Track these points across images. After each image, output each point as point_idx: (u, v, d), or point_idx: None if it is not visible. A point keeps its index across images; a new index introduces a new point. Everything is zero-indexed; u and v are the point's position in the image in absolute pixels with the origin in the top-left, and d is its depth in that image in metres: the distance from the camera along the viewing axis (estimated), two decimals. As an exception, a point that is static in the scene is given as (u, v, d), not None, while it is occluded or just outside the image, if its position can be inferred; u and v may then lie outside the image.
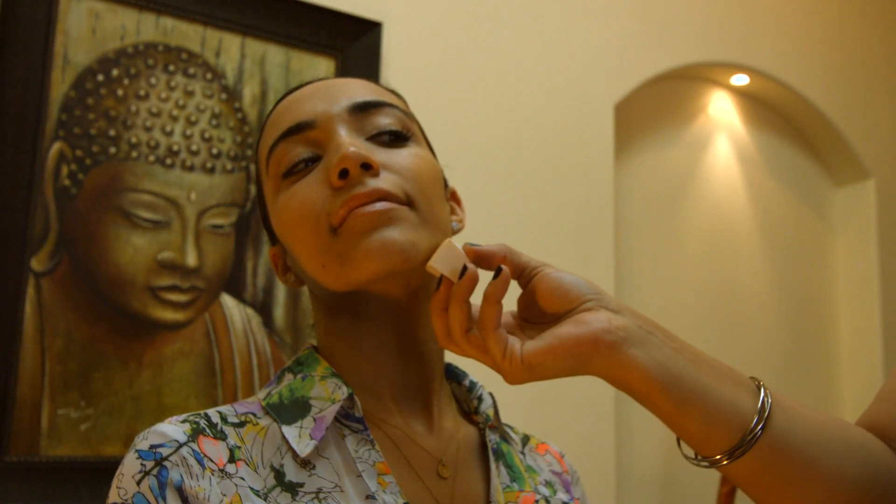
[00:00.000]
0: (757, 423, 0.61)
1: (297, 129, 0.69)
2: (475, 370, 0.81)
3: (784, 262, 2.67)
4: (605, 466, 2.03)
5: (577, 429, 2.00)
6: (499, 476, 0.71)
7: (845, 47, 2.74)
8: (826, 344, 2.74)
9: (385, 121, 0.70)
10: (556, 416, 1.97)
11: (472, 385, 0.77)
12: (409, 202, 0.65)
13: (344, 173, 0.64)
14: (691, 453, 0.64)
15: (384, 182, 0.65)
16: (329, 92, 0.71)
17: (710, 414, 0.60)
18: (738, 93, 2.64)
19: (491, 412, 0.75)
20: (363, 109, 0.70)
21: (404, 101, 0.76)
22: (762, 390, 0.63)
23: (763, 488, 0.62)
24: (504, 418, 0.79)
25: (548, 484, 0.76)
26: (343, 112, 0.69)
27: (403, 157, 0.68)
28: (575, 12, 2.16)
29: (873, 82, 2.79)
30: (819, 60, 2.65)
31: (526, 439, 0.81)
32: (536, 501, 0.72)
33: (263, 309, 1.61)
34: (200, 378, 1.53)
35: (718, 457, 0.61)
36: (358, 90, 0.71)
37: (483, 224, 1.86)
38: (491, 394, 0.77)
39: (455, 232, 0.74)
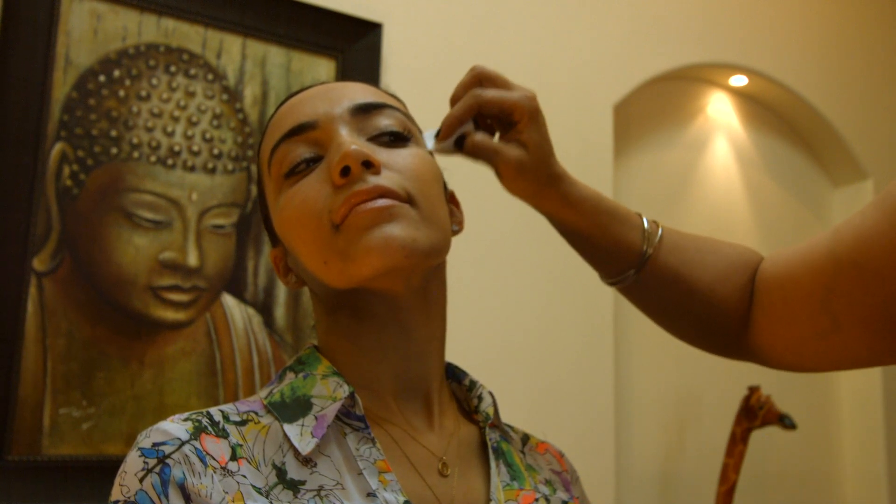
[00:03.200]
0: (656, 234, 0.81)
1: (300, 130, 0.69)
2: (475, 370, 0.82)
3: (783, 262, 2.67)
4: (605, 466, 2.04)
5: (576, 428, 2.00)
6: (499, 474, 0.72)
7: (844, 48, 2.75)
8: (825, 344, 2.74)
9: (386, 122, 0.71)
10: (555, 416, 1.97)
11: (473, 384, 0.78)
12: (409, 200, 0.66)
13: (345, 171, 0.65)
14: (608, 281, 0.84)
15: (385, 180, 0.66)
16: (331, 94, 0.72)
17: (623, 233, 0.80)
18: (737, 94, 2.65)
19: (491, 411, 0.75)
20: (364, 111, 0.70)
21: (404, 105, 0.77)
22: (643, 217, 0.82)
23: (668, 292, 0.82)
24: (504, 418, 0.79)
25: (547, 483, 0.77)
26: (345, 113, 0.70)
27: (404, 156, 0.69)
28: (574, 13, 2.17)
29: (871, 83, 2.79)
30: (817, 61, 2.66)
31: (525, 438, 0.81)
32: (536, 500, 0.73)
33: (264, 309, 1.61)
34: (202, 377, 1.54)
35: (630, 272, 0.81)
36: (359, 92, 0.72)
37: (482, 225, 1.87)
38: (491, 393, 0.78)
39: (454, 233, 0.75)
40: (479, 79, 0.76)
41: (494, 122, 0.78)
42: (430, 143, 0.76)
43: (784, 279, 0.78)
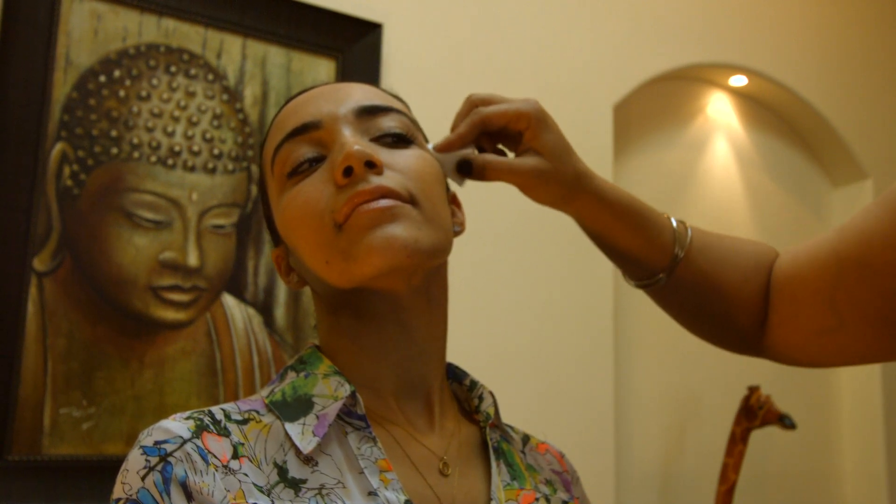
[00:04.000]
0: (686, 235, 0.80)
1: (303, 130, 0.70)
2: (476, 371, 0.82)
3: (783, 262, 2.68)
4: (605, 466, 2.04)
5: (576, 428, 2.00)
6: (500, 474, 0.72)
7: (843, 48, 2.75)
8: (824, 344, 2.74)
9: (389, 124, 0.71)
10: (555, 416, 1.97)
11: (473, 384, 0.78)
12: (411, 200, 0.66)
13: (348, 171, 0.65)
14: (632, 283, 0.83)
15: (388, 180, 0.66)
16: (335, 95, 0.72)
17: (654, 235, 0.79)
18: (737, 94, 2.65)
19: (492, 411, 0.75)
20: (368, 112, 0.71)
21: (408, 108, 0.77)
22: (671, 219, 0.81)
23: (695, 295, 0.81)
24: (504, 418, 0.79)
25: (548, 483, 0.77)
26: (349, 114, 0.70)
27: (406, 157, 0.69)
28: (574, 13, 2.17)
29: (871, 83, 2.79)
30: (817, 61, 2.66)
31: (526, 439, 0.81)
32: (537, 499, 0.73)
33: (264, 309, 1.62)
34: (202, 377, 1.54)
35: (661, 275, 0.80)
36: (364, 94, 0.72)
37: (482, 225, 1.87)
38: (491, 393, 0.78)
39: (456, 234, 0.75)
40: (476, 103, 0.76)
41: (501, 139, 0.78)
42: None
43: (792, 277, 0.79)
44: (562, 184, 0.76)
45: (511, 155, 0.77)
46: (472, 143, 0.75)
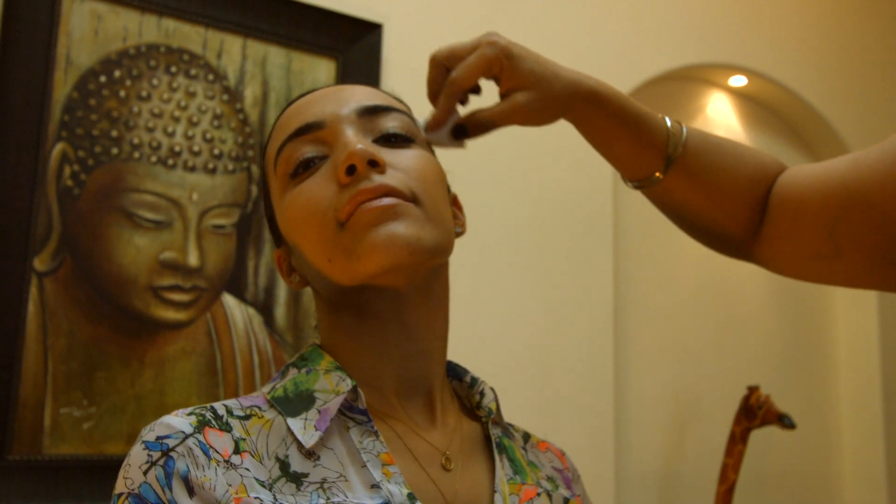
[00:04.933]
0: (681, 135, 0.79)
1: (306, 130, 0.70)
2: (477, 370, 0.82)
3: (782, 262, 2.68)
4: (605, 466, 2.04)
5: (576, 428, 2.01)
6: (503, 467, 0.72)
7: (843, 48, 2.76)
8: (823, 344, 2.75)
9: (391, 124, 0.72)
10: (555, 416, 1.97)
11: (474, 381, 0.78)
12: (414, 199, 0.67)
13: (351, 169, 0.66)
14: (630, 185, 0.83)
15: (390, 179, 0.67)
16: (338, 96, 0.72)
17: (648, 134, 0.78)
18: (736, 94, 2.65)
19: (493, 406, 0.76)
20: (371, 112, 0.71)
21: (410, 109, 0.77)
22: (667, 118, 0.80)
23: (687, 197, 0.81)
24: (505, 418, 0.79)
25: (549, 479, 0.77)
26: (351, 114, 0.71)
27: (409, 157, 0.70)
28: (574, 14, 2.17)
29: (870, 83, 2.80)
30: (816, 62, 2.67)
31: (527, 437, 0.81)
32: (538, 494, 0.73)
33: (265, 309, 1.62)
34: (202, 377, 1.54)
35: (657, 174, 0.79)
36: (365, 95, 0.73)
37: (482, 225, 1.87)
38: (492, 388, 0.78)
39: (457, 235, 0.75)
40: (442, 64, 0.76)
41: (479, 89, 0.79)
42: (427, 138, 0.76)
43: (796, 199, 0.79)
44: (553, 103, 0.76)
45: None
46: (455, 108, 0.76)
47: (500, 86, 0.76)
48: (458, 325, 0.88)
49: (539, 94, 0.75)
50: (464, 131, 0.76)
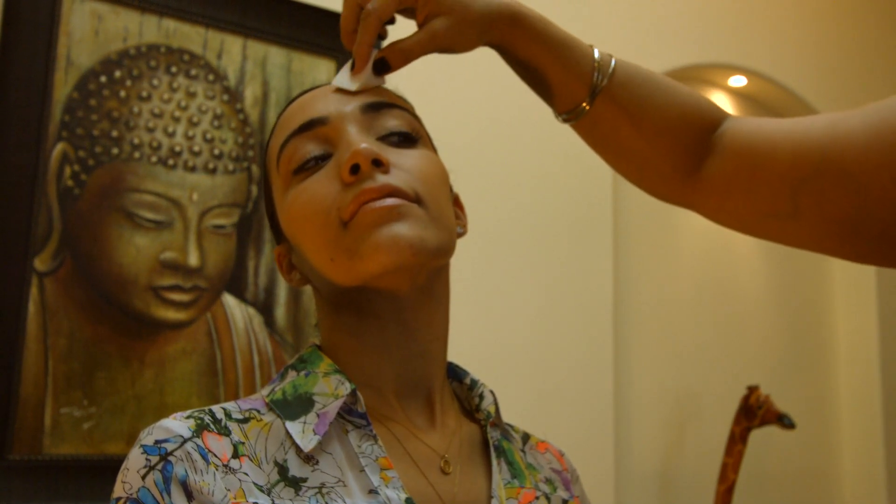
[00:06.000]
0: (609, 65, 0.76)
1: (310, 126, 0.70)
2: (476, 370, 0.82)
3: (781, 261, 2.68)
4: (604, 465, 2.04)
5: (576, 428, 2.01)
6: (500, 472, 0.72)
7: (842, 49, 2.75)
8: (823, 344, 2.75)
9: (395, 122, 0.71)
10: (555, 416, 1.98)
11: (474, 383, 0.78)
12: (418, 200, 0.67)
13: (355, 168, 0.65)
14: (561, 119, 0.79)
15: (394, 179, 0.66)
16: (341, 92, 0.72)
17: (574, 61, 0.76)
18: (736, 94, 2.65)
19: (492, 409, 0.76)
20: (375, 109, 0.71)
21: (412, 107, 0.77)
22: (594, 48, 0.77)
23: (615, 131, 0.78)
24: (504, 417, 0.79)
25: (548, 481, 0.77)
26: (355, 111, 0.70)
27: (413, 157, 0.70)
28: (572, 15, 2.17)
29: (870, 83, 2.80)
30: (816, 62, 2.67)
31: (526, 437, 0.81)
32: (537, 498, 0.73)
33: (265, 308, 1.62)
34: (202, 377, 1.54)
35: (584, 104, 0.76)
36: (369, 92, 0.73)
37: (482, 223, 1.87)
38: (492, 391, 0.78)
39: (459, 236, 0.75)
40: (356, 2, 0.75)
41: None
42: (347, 83, 0.73)
43: (758, 154, 0.75)
44: (472, 26, 0.74)
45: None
46: (374, 41, 0.74)
47: (417, 14, 0.75)
48: (457, 324, 0.88)
49: (455, 20, 0.73)
50: (385, 65, 0.74)
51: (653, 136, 0.78)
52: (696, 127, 0.79)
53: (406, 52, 0.74)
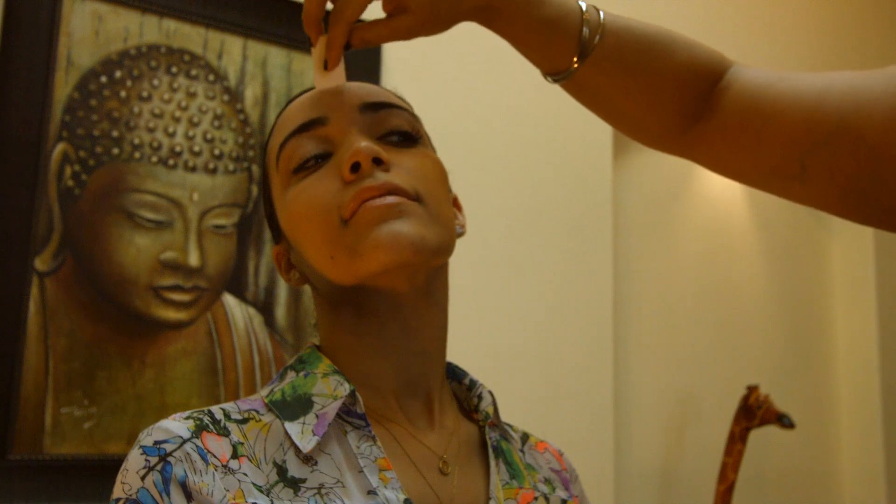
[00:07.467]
0: (599, 20, 0.73)
1: (310, 125, 0.70)
2: (475, 370, 0.82)
3: (781, 262, 2.68)
4: (604, 465, 2.05)
5: (575, 428, 2.01)
6: (499, 473, 0.72)
7: (841, 50, 2.75)
8: (823, 344, 2.75)
9: (395, 122, 0.72)
10: (555, 416, 1.98)
11: (473, 383, 0.78)
12: (418, 198, 0.67)
13: (356, 167, 0.66)
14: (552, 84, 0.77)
15: (395, 177, 0.67)
16: (341, 92, 0.72)
17: (558, 24, 0.72)
18: (737, 94, 2.65)
19: (491, 410, 0.76)
20: (374, 109, 0.71)
21: (412, 108, 0.78)
22: (581, 2, 0.74)
23: (605, 97, 0.76)
24: (503, 417, 0.80)
25: (547, 481, 0.77)
26: (355, 110, 0.71)
27: (413, 156, 0.70)
28: (574, 14, 2.17)
29: (871, 83, 2.79)
30: (815, 62, 2.67)
31: (525, 437, 0.82)
32: (535, 498, 0.73)
33: (265, 308, 1.62)
34: (203, 377, 1.55)
35: (575, 61, 0.73)
36: (369, 92, 0.73)
37: (481, 222, 1.88)
38: (491, 392, 0.78)
39: (458, 236, 0.75)
40: None
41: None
42: (331, 82, 0.72)
43: (769, 113, 0.73)
44: (438, 25, 0.73)
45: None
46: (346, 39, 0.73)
47: (384, 3, 0.74)
48: (457, 325, 0.88)
49: (421, 20, 0.72)
50: (346, 46, 0.73)
51: (644, 103, 0.76)
52: (693, 86, 0.77)
53: (365, 42, 0.73)
